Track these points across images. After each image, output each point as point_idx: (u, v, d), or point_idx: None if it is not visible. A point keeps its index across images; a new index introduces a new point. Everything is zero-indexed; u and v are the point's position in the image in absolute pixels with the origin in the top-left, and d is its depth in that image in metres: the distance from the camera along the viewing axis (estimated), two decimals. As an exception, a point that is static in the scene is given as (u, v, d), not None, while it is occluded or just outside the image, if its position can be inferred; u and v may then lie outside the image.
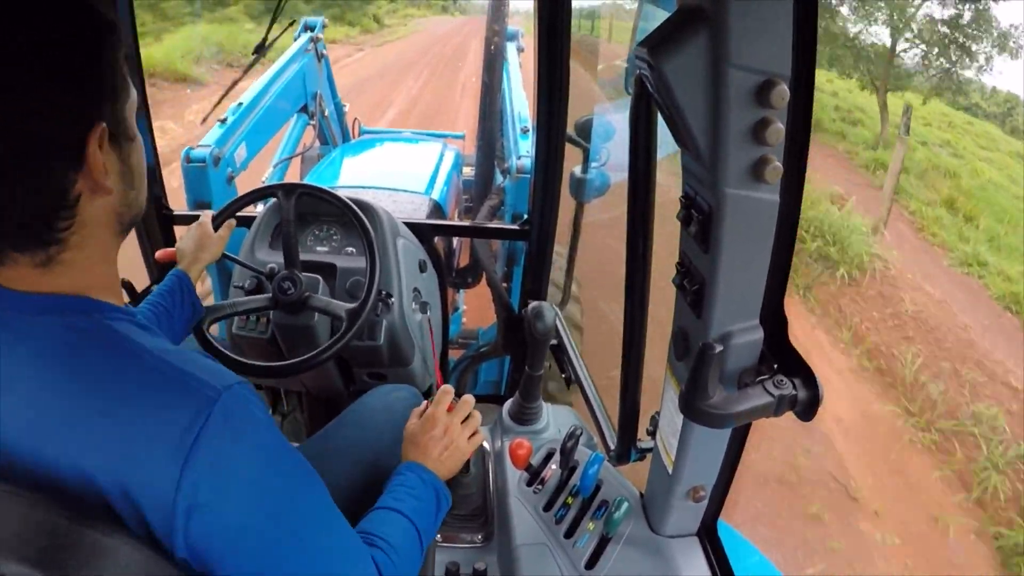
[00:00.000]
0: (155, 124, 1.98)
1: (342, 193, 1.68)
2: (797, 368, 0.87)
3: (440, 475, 1.06)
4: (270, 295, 1.60)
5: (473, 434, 1.15)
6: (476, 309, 3.71)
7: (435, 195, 2.78)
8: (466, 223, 2.78)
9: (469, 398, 1.17)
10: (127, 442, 0.63)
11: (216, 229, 1.56)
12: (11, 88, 0.60)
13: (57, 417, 0.64)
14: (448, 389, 1.17)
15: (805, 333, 5.99)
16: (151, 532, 0.64)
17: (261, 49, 2.16)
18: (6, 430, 0.64)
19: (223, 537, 0.66)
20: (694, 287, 0.88)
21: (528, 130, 2.84)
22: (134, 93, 0.73)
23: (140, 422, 0.64)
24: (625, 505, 1.19)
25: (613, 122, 2.17)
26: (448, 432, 1.11)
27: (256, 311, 1.62)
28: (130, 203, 0.74)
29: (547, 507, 1.31)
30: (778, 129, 0.74)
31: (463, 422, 1.14)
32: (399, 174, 3.03)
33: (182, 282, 1.42)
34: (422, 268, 1.97)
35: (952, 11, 10.86)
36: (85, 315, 0.69)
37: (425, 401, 1.19)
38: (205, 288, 2.62)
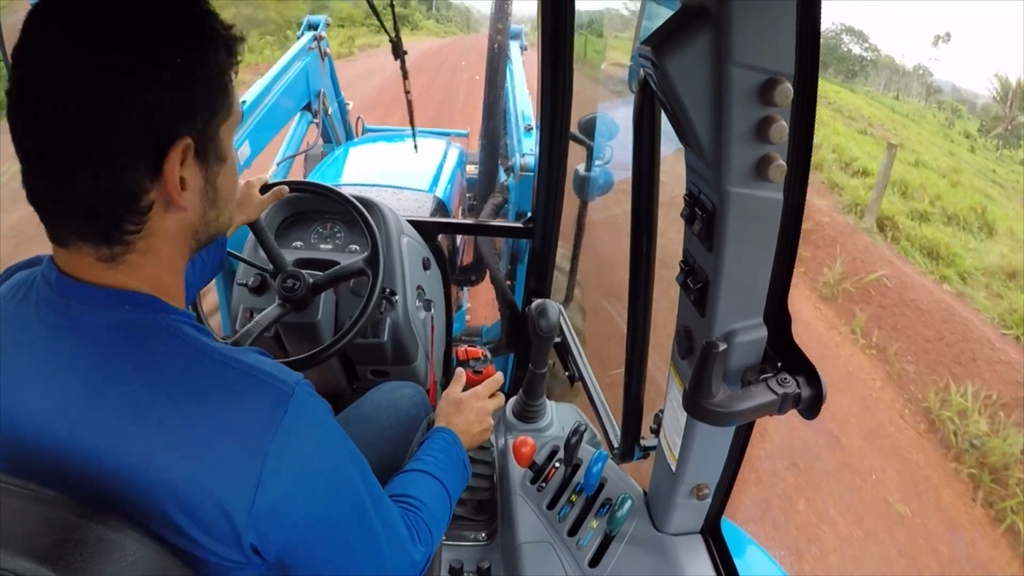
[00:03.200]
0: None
1: (346, 191, 1.69)
2: (801, 366, 0.87)
3: (466, 444, 1.14)
4: (279, 301, 1.60)
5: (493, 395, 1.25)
6: (480, 307, 3.72)
7: (439, 193, 2.78)
8: (470, 221, 2.78)
9: (499, 376, 1.27)
10: (202, 439, 0.64)
11: (263, 194, 1.54)
12: (108, 79, 0.59)
13: (117, 411, 0.64)
14: (498, 377, 1.28)
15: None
16: (214, 529, 0.65)
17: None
18: (49, 423, 0.64)
19: (299, 524, 0.69)
20: (698, 285, 0.88)
21: (532, 128, 2.84)
22: (237, 113, 0.72)
23: (215, 418, 0.65)
24: (629, 503, 1.19)
25: (617, 120, 2.17)
26: (482, 422, 1.20)
27: (276, 322, 1.60)
28: (209, 222, 0.73)
29: (551, 505, 1.31)
30: (782, 127, 0.74)
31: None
32: (403, 172, 3.03)
33: None
34: (426, 266, 1.97)
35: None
36: (151, 312, 0.68)
37: (463, 371, 1.29)
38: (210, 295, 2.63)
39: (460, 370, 1.29)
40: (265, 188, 1.56)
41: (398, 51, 2.36)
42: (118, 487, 0.63)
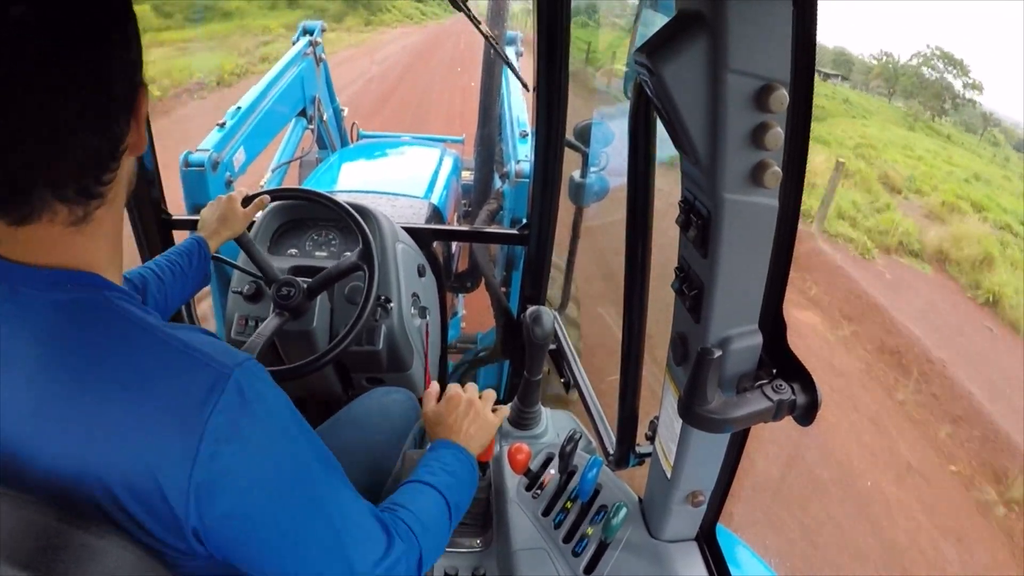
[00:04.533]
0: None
1: (340, 198, 1.68)
2: (796, 373, 0.87)
3: (471, 450, 1.07)
4: (276, 310, 1.60)
5: (496, 409, 1.16)
6: (475, 314, 3.71)
7: (434, 199, 2.78)
8: (465, 228, 2.78)
9: (490, 392, 1.19)
10: (141, 418, 0.64)
11: (245, 206, 1.55)
12: (101, 47, 0.63)
13: (61, 399, 0.64)
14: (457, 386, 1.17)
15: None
16: (157, 513, 0.64)
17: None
18: (9, 414, 0.64)
19: (239, 508, 0.67)
20: (693, 292, 0.88)
21: (527, 134, 2.84)
22: None
23: (153, 398, 0.64)
24: (624, 510, 1.19)
25: (612, 127, 2.17)
26: (473, 406, 1.12)
27: (276, 332, 1.59)
28: (133, 168, 0.76)
29: (546, 512, 1.30)
30: (777, 134, 0.74)
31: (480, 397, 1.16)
32: (398, 178, 3.03)
33: (201, 247, 1.42)
34: (421, 273, 1.97)
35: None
36: (94, 290, 0.69)
37: (434, 383, 1.20)
38: (204, 302, 2.62)
39: (433, 387, 1.18)
40: (247, 200, 1.56)
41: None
42: (72, 474, 0.63)
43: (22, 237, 0.66)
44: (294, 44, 3.45)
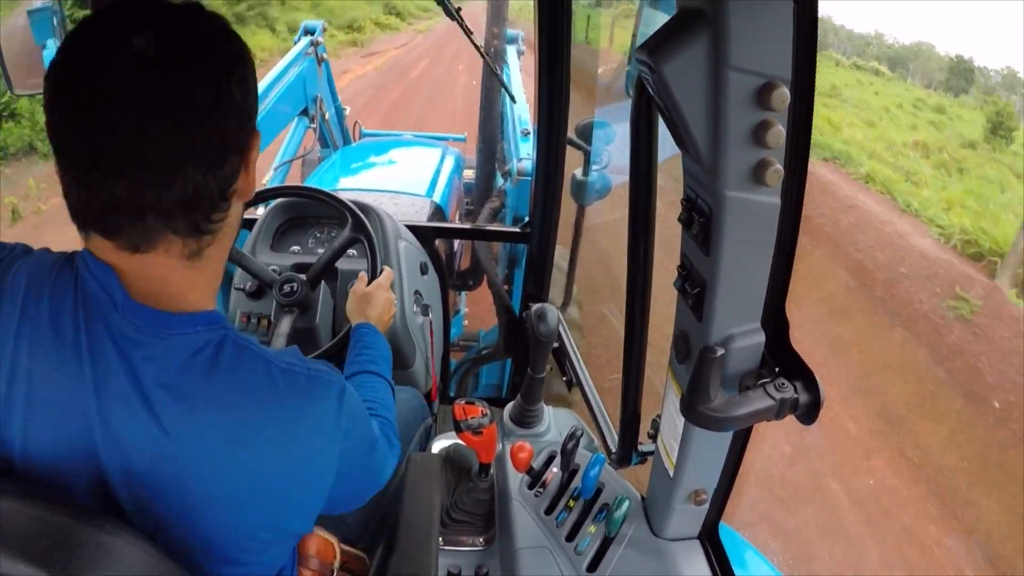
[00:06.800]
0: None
1: (343, 196, 1.68)
2: (798, 371, 0.87)
3: (382, 329, 1.33)
4: (284, 309, 1.61)
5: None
6: (477, 312, 3.71)
7: (436, 197, 2.78)
8: (467, 226, 2.78)
9: (388, 271, 1.50)
10: (295, 441, 0.73)
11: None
12: (220, 86, 0.65)
13: (219, 436, 0.69)
14: (389, 272, 1.49)
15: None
16: (305, 510, 0.79)
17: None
18: (131, 448, 0.67)
19: (347, 475, 0.82)
20: (695, 290, 0.88)
21: (529, 133, 2.84)
22: None
23: (301, 419, 0.74)
24: (626, 502, 1.19)
25: (614, 125, 2.17)
26: (375, 295, 1.40)
27: (290, 329, 1.61)
28: (240, 213, 0.78)
29: (548, 510, 1.30)
30: (779, 132, 0.74)
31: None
32: (400, 177, 3.04)
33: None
34: (423, 271, 1.97)
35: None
36: (221, 329, 0.72)
37: (362, 273, 1.49)
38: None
39: (362, 273, 1.48)
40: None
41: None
42: (213, 510, 0.70)
43: (140, 266, 0.68)
44: (296, 44, 3.45)
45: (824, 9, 0.72)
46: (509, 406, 1.67)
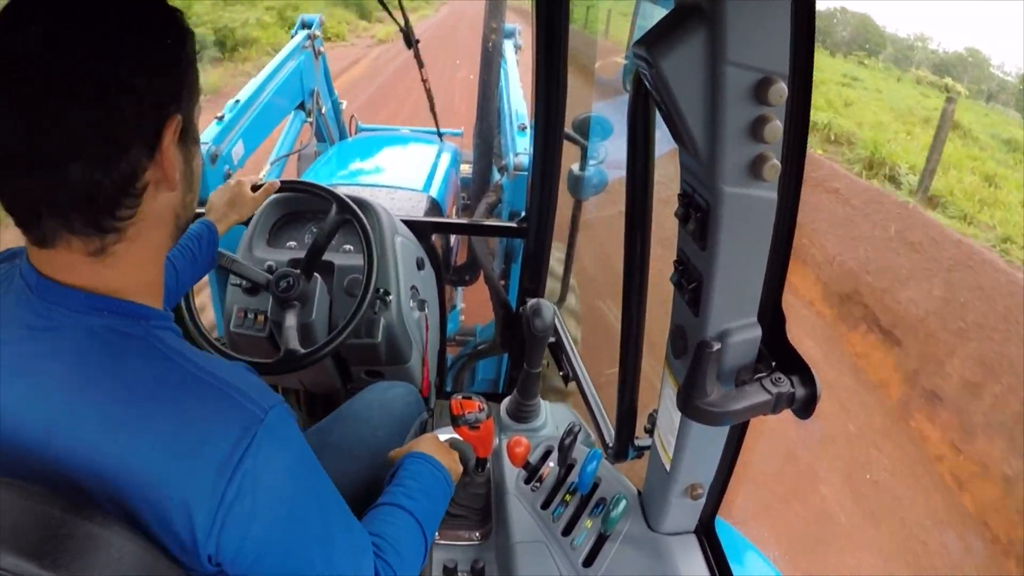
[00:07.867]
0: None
1: (339, 190, 1.68)
2: (795, 366, 0.87)
3: (450, 470, 1.11)
4: (285, 306, 1.61)
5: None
6: (474, 307, 3.71)
7: (433, 192, 2.77)
8: (464, 220, 2.77)
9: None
10: (172, 451, 0.64)
11: (254, 191, 1.57)
12: (105, 71, 0.61)
13: (95, 419, 0.64)
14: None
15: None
16: (178, 538, 0.65)
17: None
18: (26, 422, 0.64)
19: (256, 543, 0.68)
20: (692, 285, 0.88)
21: (526, 127, 2.84)
22: (199, 99, 0.74)
23: (188, 432, 0.65)
24: (623, 502, 1.19)
25: (611, 119, 2.17)
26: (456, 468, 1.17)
27: (296, 324, 1.62)
28: (186, 205, 0.74)
29: (545, 504, 1.31)
30: (776, 127, 0.74)
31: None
32: (397, 171, 3.03)
33: (210, 231, 1.44)
34: (420, 266, 1.97)
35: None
36: (133, 321, 0.69)
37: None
38: (203, 292, 2.61)
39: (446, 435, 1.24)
40: (256, 187, 1.57)
41: (409, 41, 2.37)
42: (90, 489, 0.63)
43: (47, 258, 0.67)
44: (292, 37, 3.43)
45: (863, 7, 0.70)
46: (506, 401, 1.67)
